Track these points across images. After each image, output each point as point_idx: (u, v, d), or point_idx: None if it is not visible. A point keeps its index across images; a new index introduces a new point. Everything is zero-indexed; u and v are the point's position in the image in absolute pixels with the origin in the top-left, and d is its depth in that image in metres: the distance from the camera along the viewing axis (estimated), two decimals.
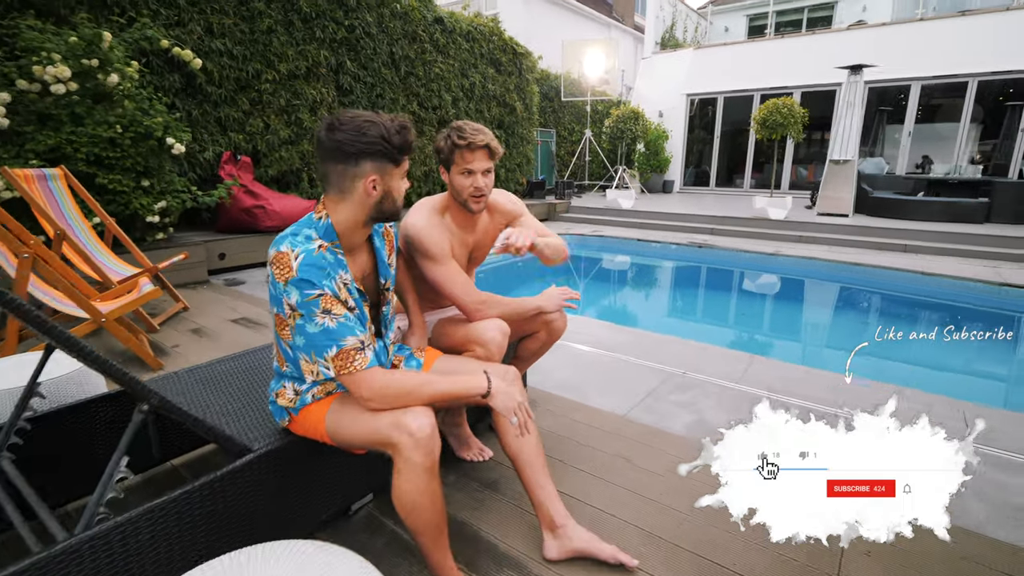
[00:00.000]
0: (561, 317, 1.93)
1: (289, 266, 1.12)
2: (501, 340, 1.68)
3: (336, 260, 1.20)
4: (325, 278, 1.14)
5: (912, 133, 11.08)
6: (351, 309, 1.21)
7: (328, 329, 1.14)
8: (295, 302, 1.12)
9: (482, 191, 1.66)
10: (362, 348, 1.18)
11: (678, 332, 4.08)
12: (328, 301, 1.14)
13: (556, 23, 16.40)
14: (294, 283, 1.11)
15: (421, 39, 7.85)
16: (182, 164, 5.23)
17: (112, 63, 3.89)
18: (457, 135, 1.61)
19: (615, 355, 3.02)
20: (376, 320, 1.42)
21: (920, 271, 5.84)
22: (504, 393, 1.28)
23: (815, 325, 5.12)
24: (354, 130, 1.13)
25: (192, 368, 1.92)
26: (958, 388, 3.62)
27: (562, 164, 13.64)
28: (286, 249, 1.14)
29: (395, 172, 1.22)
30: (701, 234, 8.33)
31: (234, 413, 1.58)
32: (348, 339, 1.16)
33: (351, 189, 1.19)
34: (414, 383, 1.20)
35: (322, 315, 1.13)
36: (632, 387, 2.62)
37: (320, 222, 1.21)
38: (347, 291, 1.21)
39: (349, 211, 1.21)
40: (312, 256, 1.14)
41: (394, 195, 1.24)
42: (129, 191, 4.25)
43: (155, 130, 4.20)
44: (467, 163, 1.62)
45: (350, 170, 1.17)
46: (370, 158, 1.16)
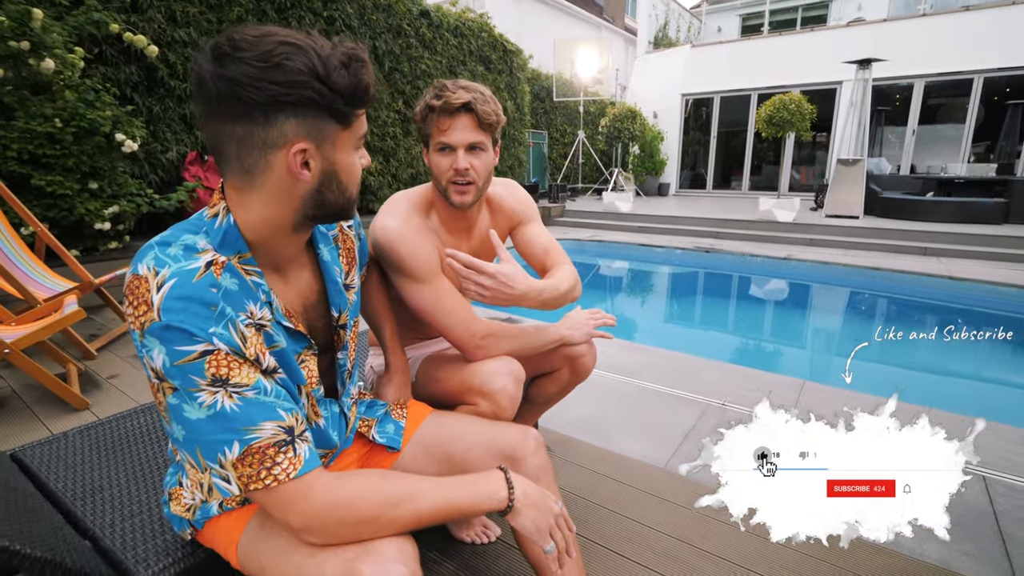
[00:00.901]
0: (590, 351, 1.44)
1: (147, 301, 0.63)
2: (514, 390, 1.19)
3: (242, 286, 0.71)
4: (215, 322, 0.65)
5: (916, 132, 10.77)
6: (270, 371, 0.72)
7: (223, 414, 0.65)
8: (161, 366, 0.64)
9: (465, 176, 1.17)
10: (289, 441, 0.69)
11: (705, 351, 3.63)
12: (221, 363, 0.65)
13: (546, 23, 16.01)
14: (155, 332, 0.63)
15: (406, 33, 7.38)
16: (142, 165, 4.69)
17: (47, 46, 3.36)
18: (434, 93, 1.13)
19: (640, 383, 2.54)
20: (329, 373, 0.93)
21: (946, 275, 5.44)
22: (534, 507, 0.80)
23: (857, 341, 4.64)
24: (260, 60, 0.63)
25: (92, 425, 1.41)
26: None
27: (554, 167, 13.19)
28: (145, 271, 0.65)
29: (342, 138, 0.72)
30: (706, 238, 7.90)
31: (129, 506, 1.09)
32: (262, 428, 0.67)
33: (262, 168, 0.69)
34: (384, 498, 0.72)
35: (211, 389, 0.65)
36: (665, 425, 2.14)
37: (215, 223, 0.72)
38: (263, 339, 0.72)
39: (264, 206, 0.72)
40: (190, 283, 0.65)
41: (342, 178, 0.74)
42: (73, 194, 3.71)
43: (102, 125, 3.67)
44: (443, 134, 1.15)
45: (256, 134, 0.67)
46: (293, 112, 0.66)
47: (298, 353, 0.79)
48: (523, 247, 1.41)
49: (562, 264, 1.36)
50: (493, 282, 1.10)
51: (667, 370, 2.71)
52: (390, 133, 7.33)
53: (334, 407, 0.92)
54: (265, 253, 0.76)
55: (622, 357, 2.88)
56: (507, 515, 0.78)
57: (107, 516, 1.06)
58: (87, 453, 1.29)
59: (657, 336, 4.75)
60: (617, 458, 1.84)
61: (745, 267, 6.75)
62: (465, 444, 1.05)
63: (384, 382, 1.22)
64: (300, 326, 0.79)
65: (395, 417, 1.09)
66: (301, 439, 0.71)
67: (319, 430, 0.86)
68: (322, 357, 0.89)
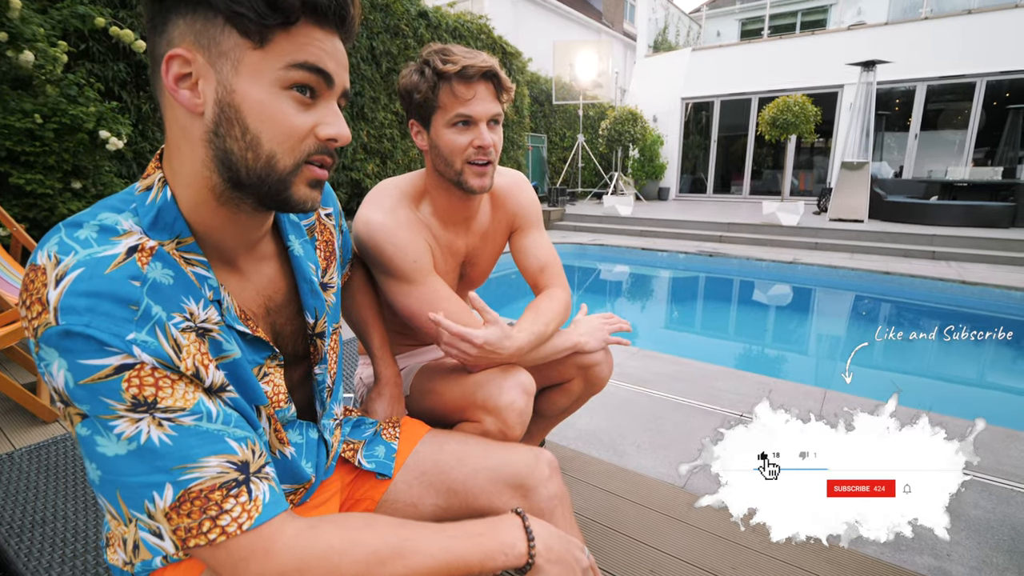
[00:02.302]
0: (606, 359, 1.29)
1: (41, 299, 0.47)
2: (523, 404, 1.03)
3: (179, 279, 0.54)
4: (135, 326, 0.49)
5: (918, 136, 10.69)
6: (216, 390, 0.56)
7: (149, 449, 0.49)
8: (63, 385, 0.47)
9: (487, 153, 1.01)
10: (242, 481, 0.53)
11: (716, 357, 3.47)
12: (146, 380, 0.49)
13: (545, 27, 15.94)
14: (52, 341, 0.46)
15: (404, 33, 7.26)
16: (129, 165, 4.54)
17: (26, 38, 3.21)
18: (440, 58, 0.96)
19: (651, 392, 2.38)
20: (303, 388, 0.76)
21: (958, 280, 5.30)
22: (559, 562, 0.63)
23: (867, 345, 4.49)
24: None
25: (44, 444, 1.25)
26: None
27: (554, 171, 13.07)
28: (44, 260, 0.49)
29: (251, 60, 0.51)
30: (709, 242, 7.76)
31: (73, 544, 0.92)
32: (203, 465, 0.51)
33: (162, 95, 0.53)
34: (369, 554, 0.55)
35: (132, 416, 0.48)
36: (681, 438, 1.98)
37: (146, 197, 0.55)
38: (207, 348, 0.56)
39: (182, 160, 0.55)
40: (100, 275, 0.48)
41: (247, 119, 0.52)
42: (55, 193, 3.55)
43: (85, 121, 3.51)
44: (463, 104, 0.97)
45: (154, 45, 0.51)
46: (185, 10, 0.50)
47: (258, 365, 0.63)
48: (520, 257, 1.25)
49: (553, 288, 1.21)
50: (479, 352, 0.98)
51: (680, 378, 2.55)
52: (387, 135, 7.19)
53: (311, 431, 0.75)
54: (212, 240, 0.59)
55: (631, 364, 2.72)
56: (526, 573, 0.62)
57: (44, 558, 0.90)
58: (34, 477, 1.13)
59: (665, 342, 4.59)
60: (632, 476, 1.68)
61: (751, 271, 6.61)
62: (468, 470, 0.89)
63: (373, 396, 1.05)
64: (260, 331, 0.63)
65: (386, 438, 0.93)
66: (259, 476, 0.55)
67: (286, 462, 0.69)
68: (293, 369, 0.73)
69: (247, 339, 0.61)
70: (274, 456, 0.67)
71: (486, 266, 1.27)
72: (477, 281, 1.29)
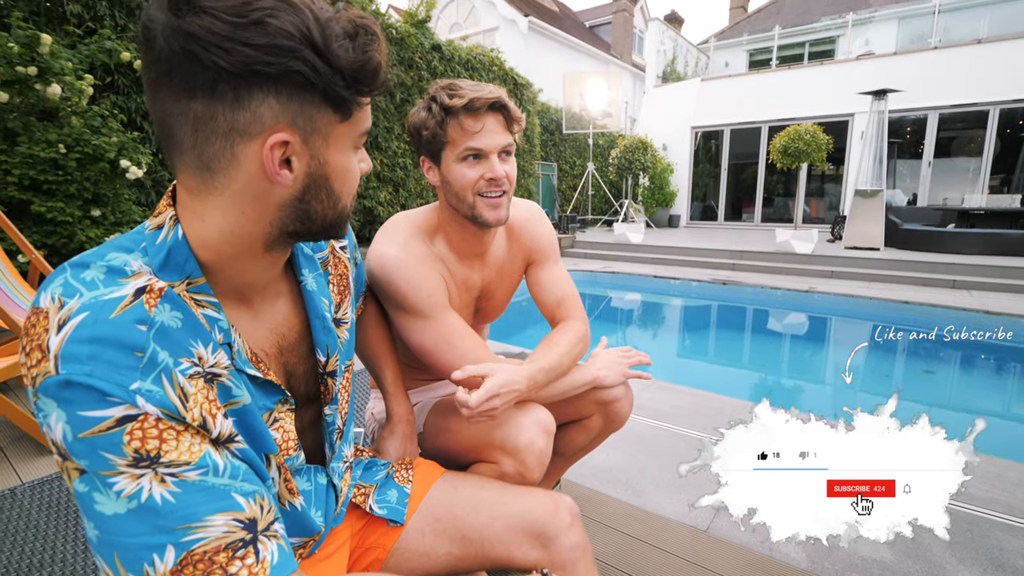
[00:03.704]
0: (626, 394, 1.24)
1: (42, 346, 0.45)
2: (543, 444, 0.99)
3: (188, 322, 0.52)
4: (140, 374, 0.46)
5: (931, 163, 10.64)
6: (223, 441, 0.52)
7: (151, 508, 0.45)
8: (61, 438, 0.44)
9: (500, 184, 0.99)
10: (249, 541, 0.49)
11: (734, 390, 3.38)
12: (149, 433, 0.46)
13: (555, 59, 16.28)
14: (52, 391, 0.44)
15: (418, 66, 7.42)
16: (148, 193, 4.63)
17: (54, 72, 3.31)
18: (447, 93, 0.95)
19: (670, 427, 2.30)
20: (312, 431, 0.73)
21: (980, 309, 5.17)
22: None
23: (899, 377, 4.38)
24: (233, 13, 0.45)
25: (47, 479, 1.22)
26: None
27: (564, 198, 13.15)
28: (47, 303, 0.47)
29: (339, 132, 0.55)
30: (722, 270, 7.69)
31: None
32: (208, 524, 0.47)
33: (226, 163, 0.51)
34: None
35: (133, 471, 0.45)
36: (703, 477, 1.90)
37: (157, 236, 0.53)
38: (215, 394, 0.53)
39: (226, 216, 0.54)
40: (106, 320, 0.46)
41: (334, 185, 0.56)
42: (74, 221, 3.60)
43: (107, 151, 3.58)
44: (471, 137, 0.95)
45: (221, 115, 0.49)
46: (275, 90, 0.49)
47: (268, 410, 0.60)
48: (536, 291, 1.22)
49: (570, 321, 1.17)
50: (500, 399, 0.92)
51: (699, 412, 2.47)
52: (400, 163, 7.28)
53: (319, 476, 0.71)
54: (226, 278, 0.57)
55: (647, 396, 2.64)
56: None
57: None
58: (35, 516, 1.09)
59: (680, 372, 4.50)
60: (652, 518, 1.60)
61: (766, 300, 6.51)
62: (484, 517, 0.84)
63: (385, 435, 1.01)
64: (272, 374, 0.60)
65: (398, 481, 0.88)
66: (267, 535, 0.51)
67: (296, 514, 0.65)
68: (303, 412, 0.70)
69: (258, 383, 0.58)
70: (283, 508, 0.63)
71: (502, 300, 1.24)
72: (492, 315, 1.26)
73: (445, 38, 8.36)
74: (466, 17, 17.22)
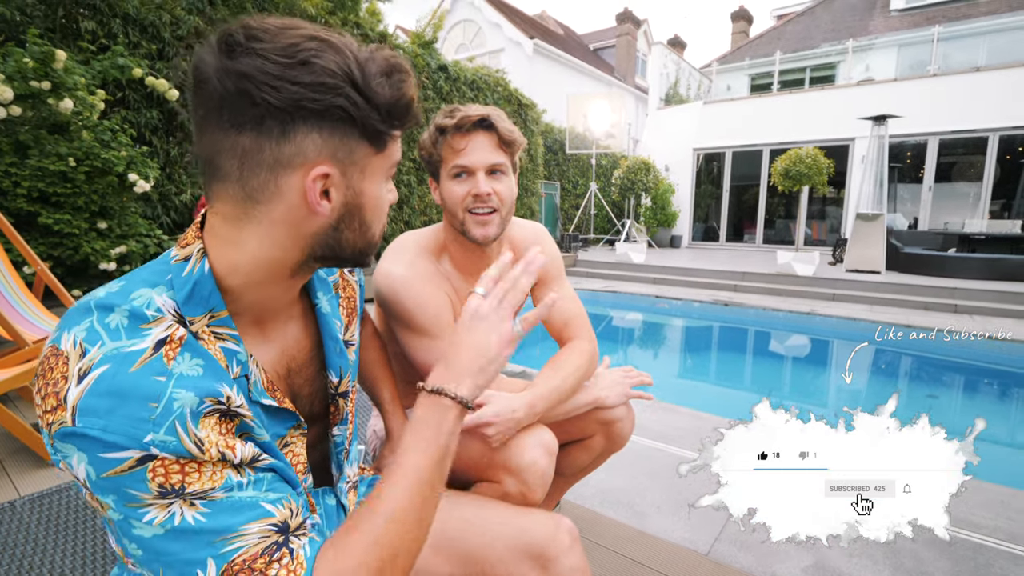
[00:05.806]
0: (628, 415, 1.24)
1: (58, 394, 0.46)
2: (546, 464, 0.99)
3: (209, 368, 0.52)
4: (153, 425, 0.46)
5: (932, 188, 10.71)
6: (246, 464, 0.53)
7: (186, 529, 0.47)
8: (85, 478, 0.46)
9: (487, 202, 1.01)
10: (282, 543, 0.51)
11: (735, 412, 3.34)
12: (171, 469, 0.47)
13: (559, 80, 16.54)
14: (67, 439, 0.45)
15: (424, 86, 7.54)
16: (155, 206, 4.67)
17: (67, 87, 3.37)
18: (443, 114, 0.99)
19: (671, 449, 2.29)
20: (318, 451, 0.73)
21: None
22: None
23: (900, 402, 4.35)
24: (282, 54, 0.49)
25: (47, 492, 1.22)
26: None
27: (566, 217, 13.24)
28: (68, 347, 0.48)
29: (374, 164, 0.58)
30: (723, 291, 7.69)
31: None
32: (244, 533, 0.49)
33: (269, 194, 0.53)
34: None
35: (162, 502, 0.46)
36: (703, 493, 1.88)
37: (183, 268, 0.55)
38: (234, 429, 0.53)
39: (262, 243, 0.55)
40: (126, 374, 0.47)
41: (366, 215, 0.59)
42: (80, 233, 3.63)
43: (116, 164, 3.63)
44: (458, 155, 0.99)
45: (268, 148, 0.51)
46: (318, 125, 0.52)
47: (280, 437, 0.61)
48: None
49: (577, 341, 1.19)
50: (494, 429, 0.95)
51: (701, 434, 2.45)
52: (404, 180, 7.36)
53: (328, 498, 0.72)
54: (247, 304, 0.59)
55: (648, 417, 2.63)
56: None
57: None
58: (33, 529, 1.09)
59: (681, 392, 4.47)
60: (653, 542, 1.58)
61: (768, 321, 6.50)
62: (485, 538, 0.84)
63: (386, 454, 1.02)
64: (287, 397, 0.62)
65: None
66: (298, 534, 0.53)
67: None
68: (314, 426, 0.70)
69: (270, 411, 0.59)
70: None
71: None
72: None
73: (452, 59, 8.51)
74: (472, 38, 17.55)
